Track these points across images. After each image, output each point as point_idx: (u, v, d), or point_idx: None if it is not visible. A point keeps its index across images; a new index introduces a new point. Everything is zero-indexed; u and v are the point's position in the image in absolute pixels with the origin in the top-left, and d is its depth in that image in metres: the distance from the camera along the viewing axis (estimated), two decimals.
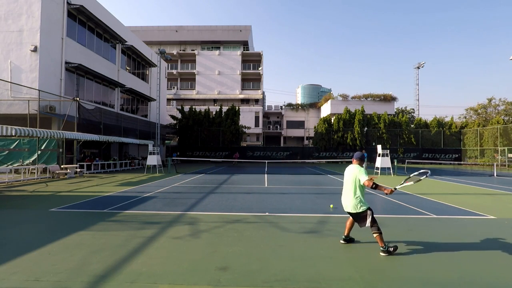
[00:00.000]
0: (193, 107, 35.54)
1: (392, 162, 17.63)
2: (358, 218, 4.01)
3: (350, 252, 4.02)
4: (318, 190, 10.55)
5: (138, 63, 28.49)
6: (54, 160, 16.00)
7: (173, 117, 34.97)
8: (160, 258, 3.72)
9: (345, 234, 4.37)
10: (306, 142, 47.30)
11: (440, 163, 32.72)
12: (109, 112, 21.30)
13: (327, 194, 9.60)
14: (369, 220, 3.93)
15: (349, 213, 4.15)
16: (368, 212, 3.96)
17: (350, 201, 4.04)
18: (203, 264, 3.55)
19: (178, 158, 27.84)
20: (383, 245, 3.87)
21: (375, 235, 3.91)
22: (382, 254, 3.87)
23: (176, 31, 50.03)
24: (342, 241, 4.35)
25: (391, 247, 3.91)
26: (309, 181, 13.73)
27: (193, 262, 3.62)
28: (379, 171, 17.45)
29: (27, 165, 15.25)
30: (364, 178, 3.92)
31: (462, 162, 32.46)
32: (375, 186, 3.88)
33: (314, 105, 49.59)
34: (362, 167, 4.15)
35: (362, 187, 4.03)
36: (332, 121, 35.99)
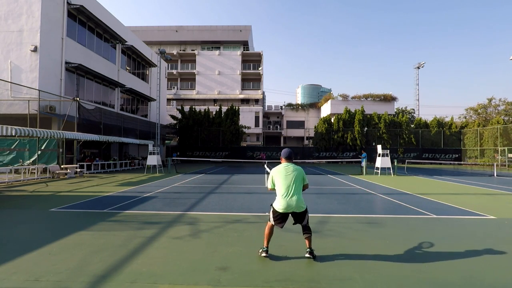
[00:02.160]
0: (193, 107, 35.56)
1: (392, 162, 17.63)
2: (302, 216, 3.80)
3: (350, 252, 4.02)
4: (318, 190, 10.54)
5: (138, 63, 28.50)
6: (54, 160, 16.01)
7: (173, 117, 34.99)
8: (160, 258, 3.72)
9: (267, 245, 3.85)
10: (306, 142, 47.31)
11: (440, 163, 32.73)
12: (109, 112, 21.30)
13: (327, 194, 9.60)
14: (307, 216, 3.82)
15: (287, 213, 3.75)
16: (307, 210, 3.86)
17: (297, 201, 3.69)
18: (203, 264, 3.55)
19: (178, 158, 27.84)
20: (311, 246, 3.76)
21: (308, 234, 3.75)
22: (308, 255, 3.70)
23: (176, 31, 50.04)
24: (265, 254, 3.79)
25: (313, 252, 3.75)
26: (309, 181, 13.71)
27: (193, 262, 3.62)
28: (379, 171, 17.45)
29: (27, 165, 15.25)
30: (307, 180, 3.95)
31: (462, 162, 32.47)
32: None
33: (314, 105, 49.62)
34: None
35: None
36: (332, 121, 36.00)
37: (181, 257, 3.78)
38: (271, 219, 3.83)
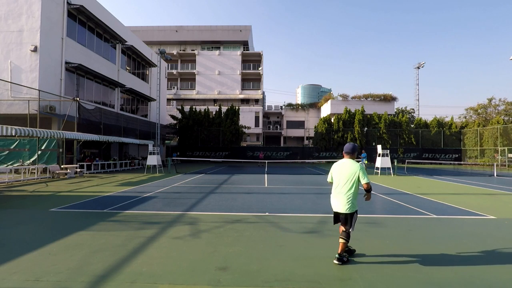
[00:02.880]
0: (193, 107, 35.55)
1: (392, 162, 17.64)
2: (347, 219, 3.64)
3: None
4: (318, 190, 10.55)
5: (138, 63, 28.49)
6: (54, 160, 16.00)
7: (173, 117, 34.99)
8: (160, 258, 3.72)
9: (339, 252, 3.68)
10: (306, 142, 47.30)
11: (440, 163, 32.72)
12: (109, 112, 21.30)
13: (327, 194, 9.59)
14: (352, 222, 3.64)
15: (337, 213, 3.73)
16: (355, 215, 3.68)
17: (343, 201, 3.62)
18: (203, 264, 3.56)
19: (178, 158, 27.84)
20: (341, 252, 3.61)
21: (343, 240, 3.58)
22: (335, 261, 3.56)
23: (176, 31, 50.03)
24: (336, 262, 3.59)
25: (346, 257, 3.66)
26: (309, 181, 13.73)
27: (193, 262, 3.62)
28: (379, 171, 17.45)
29: (27, 165, 15.25)
30: (365, 179, 3.57)
31: (462, 162, 32.46)
32: (370, 190, 3.66)
33: (314, 105, 49.59)
34: (359, 162, 3.82)
35: (358, 187, 3.65)
36: (332, 121, 35.99)
37: (181, 257, 3.78)
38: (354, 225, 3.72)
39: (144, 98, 28.63)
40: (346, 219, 3.67)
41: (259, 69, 47.00)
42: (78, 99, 16.98)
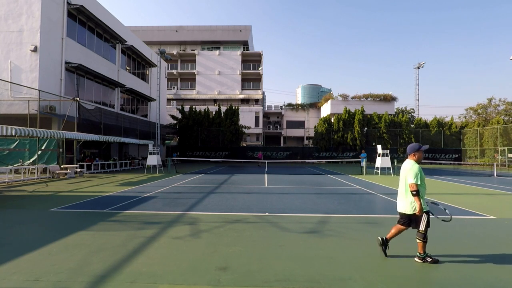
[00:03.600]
0: (193, 107, 35.57)
1: (392, 162, 17.64)
2: (411, 219, 3.68)
3: (350, 252, 4.02)
4: (318, 190, 10.54)
5: (138, 63, 28.49)
6: (54, 160, 16.00)
7: (173, 117, 35.00)
8: (160, 258, 3.72)
9: (386, 237, 3.85)
10: (306, 142, 47.31)
11: (440, 163, 32.73)
12: (109, 112, 21.29)
13: (327, 194, 9.60)
14: (421, 221, 3.57)
15: (400, 214, 3.79)
16: (424, 215, 3.57)
17: (399, 201, 3.82)
18: (203, 264, 3.56)
19: (178, 158, 27.85)
20: (419, 251, 3.67)
21: (418, 240, 3.64)
22: (416, 259, 3.67)
23: (176, 31, 50.03)
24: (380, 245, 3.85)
25: (430, 257, 3.64)
26: (309, 181, 13.73)
27: (193, 262, 3.62)
28: (379, 171, 17.45)
29: (27, 165, 15.24)
30: (411, 179, 3.55)
31: (462, 162, 32.47)
32: (416, 194, 3.52)
33: (314, 105, 49.60)
34: (417, 163, 3.73)
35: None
36: (332, 121, 36.00)
37: (181, 257, 3.79)
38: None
39: (144, 98, 28.63)
40: (409, 220, 3.69)
41: (259, 69, 47.00)
42: (78, 99, 16.98)
